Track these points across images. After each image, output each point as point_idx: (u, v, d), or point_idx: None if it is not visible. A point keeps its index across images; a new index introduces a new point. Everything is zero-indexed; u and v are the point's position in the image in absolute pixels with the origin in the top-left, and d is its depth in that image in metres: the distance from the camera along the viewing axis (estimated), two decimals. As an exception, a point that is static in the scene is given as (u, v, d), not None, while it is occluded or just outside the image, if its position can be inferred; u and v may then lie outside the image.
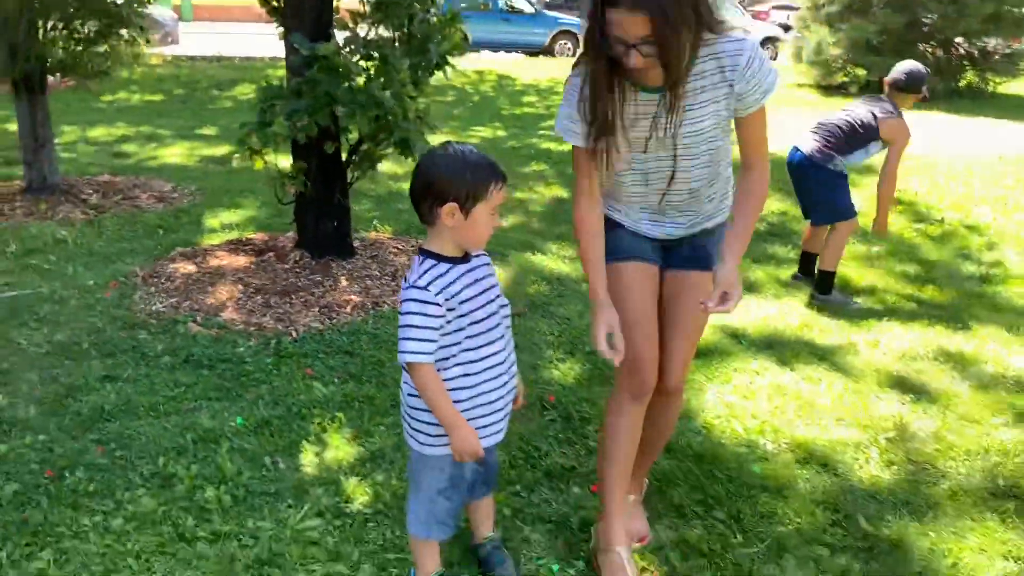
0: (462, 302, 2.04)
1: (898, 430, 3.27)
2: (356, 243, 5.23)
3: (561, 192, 7.23)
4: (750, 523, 2.71)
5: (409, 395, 2.14)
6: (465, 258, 2.09)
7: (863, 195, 6.14)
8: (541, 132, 10.75)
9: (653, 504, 2.79)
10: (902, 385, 3.67)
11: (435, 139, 3.87)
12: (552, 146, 9.67)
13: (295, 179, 4.66)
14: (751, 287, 4.89)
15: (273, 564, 2.48)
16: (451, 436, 2.05)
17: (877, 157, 4.62)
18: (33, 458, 2.97)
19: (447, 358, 2.05)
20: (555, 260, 5.27)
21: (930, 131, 11.09)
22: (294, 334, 4.03)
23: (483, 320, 2.09)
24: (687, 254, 2.42)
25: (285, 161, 4.71)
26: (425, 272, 2.03)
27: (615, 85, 2.10)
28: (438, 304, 1.99)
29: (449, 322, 2.02)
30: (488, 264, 2.19)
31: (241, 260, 4.99)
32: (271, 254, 5.03)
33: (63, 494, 2.78)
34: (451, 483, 2.22)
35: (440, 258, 2.07)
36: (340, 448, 3.10)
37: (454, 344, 2.05)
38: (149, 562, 2.48)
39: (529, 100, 13.90)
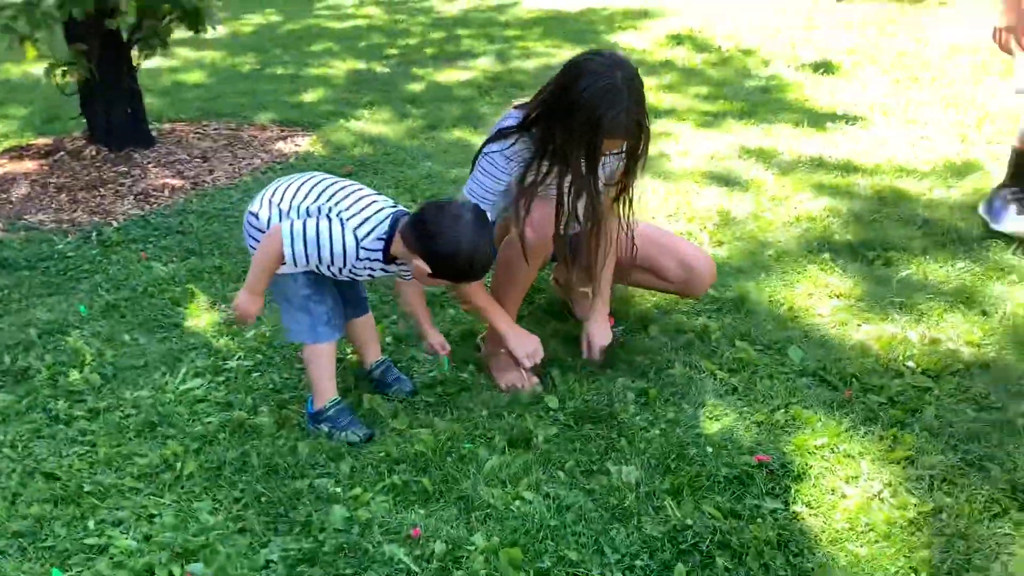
0: None
1: (721, 216, 3.59)
2: (153, 133, 4.90)
3: (356, 64, 7.06)
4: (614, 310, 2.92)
5: (250, 227, 2.30)
6: None
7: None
8: (317, 13, 10.33)
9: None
10: (716, 180, 4.00)
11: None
12: (333, 25, 9.36)
13: (75, 64, 4.27)
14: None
15: (166, 424, 2.43)
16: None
17: None
18: None
19: None
20: (372, 124, 5.21)
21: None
22: (115, 223, 3.79)
23: None
24: None
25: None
26: None
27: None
28: None
29: None
30: None
31: (29, 165, 4.56)
32: (62, 154, 4.63)
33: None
34: (312, 287, 2.28)
35: None
36: (201, 316, 3.01)
37: None
38: (28, 448, 2.35)
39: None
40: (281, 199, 2.25)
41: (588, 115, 2.16)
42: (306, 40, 8.50)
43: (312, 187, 2.26)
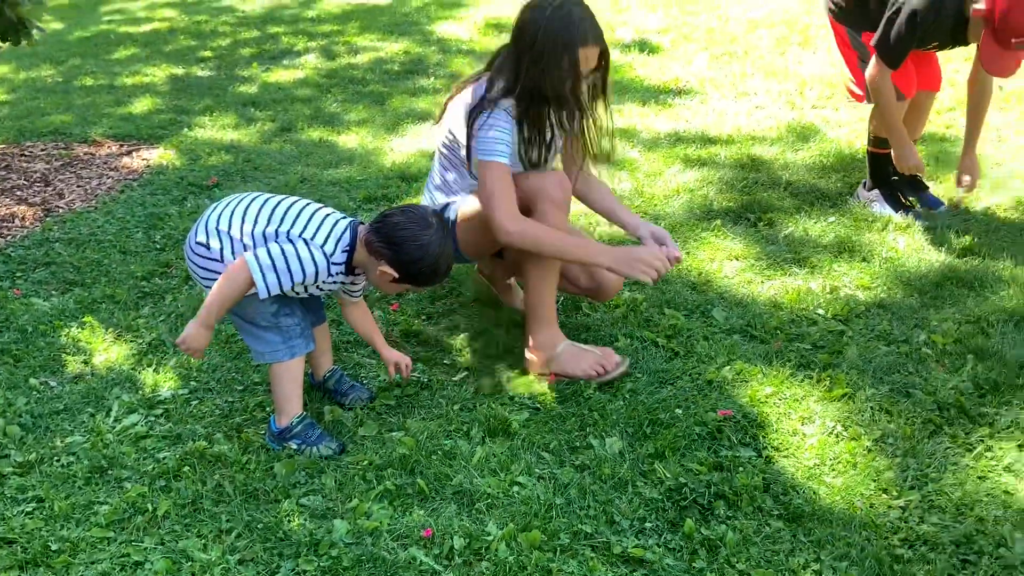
0: None
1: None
2: (-27, 158, 4.45)
3: (172, 69, 6.68)
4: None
5: (199, 257, 2.22)
6: None
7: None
8: (107, 19, 9.63)
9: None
10: (590, 162, 4.17)
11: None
12: (129, 30, 8.77)
13: None
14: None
15: (116, 466, 2.27)
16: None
17: None
18: None
19: None
20: (219, 131, 4.97)
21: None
22: (-32, 261, 3.43)
23: None
24: None
25: None
26: None
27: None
28: None
29: None
30: None
31: None
32: None
33: None
34: (280, 301, 2.22)
35: None
36: (110, 349, 2.81)
37: None
38: (-37, 516, 2.13)
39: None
40: (229, 226, 2.17)
41: (554, 37, 2.26)
42: (104, 48, 7.93)
43: (258, 210, 2.20)
